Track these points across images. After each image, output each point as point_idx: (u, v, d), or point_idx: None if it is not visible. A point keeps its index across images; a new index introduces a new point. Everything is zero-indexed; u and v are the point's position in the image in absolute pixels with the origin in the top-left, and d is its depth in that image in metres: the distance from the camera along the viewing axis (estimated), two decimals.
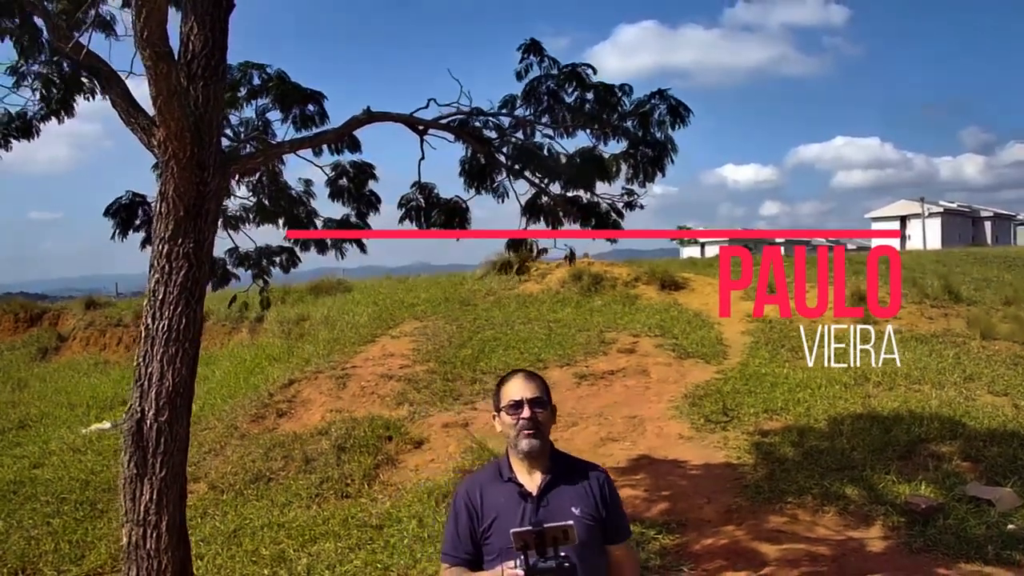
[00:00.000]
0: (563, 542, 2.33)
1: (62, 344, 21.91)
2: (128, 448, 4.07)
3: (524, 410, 2.65)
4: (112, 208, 5.24)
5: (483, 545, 2.65)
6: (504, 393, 2.72)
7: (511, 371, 2.86)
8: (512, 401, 2.67)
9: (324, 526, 7.56)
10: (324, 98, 5.53)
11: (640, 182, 5.27)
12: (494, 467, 2.78)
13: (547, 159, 5.26)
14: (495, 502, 2.66)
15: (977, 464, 7.61)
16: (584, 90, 5.09)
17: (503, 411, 2.70)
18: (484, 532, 2.65)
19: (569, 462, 2.79)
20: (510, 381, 2.75)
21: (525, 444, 2.65)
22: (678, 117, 5.05)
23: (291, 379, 11.90)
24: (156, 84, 3.64)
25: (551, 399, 2.74)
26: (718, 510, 7.15)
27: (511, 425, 2.67)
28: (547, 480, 2.67)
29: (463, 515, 2.68)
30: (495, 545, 2.61)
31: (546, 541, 2.33)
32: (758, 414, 9.47)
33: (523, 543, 2.32)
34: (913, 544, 6.19)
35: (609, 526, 2.71)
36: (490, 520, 2.64)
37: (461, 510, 2.70)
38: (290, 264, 6.31)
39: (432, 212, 5.68)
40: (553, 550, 2.33)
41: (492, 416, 2.82)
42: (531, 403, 2.66)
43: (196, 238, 4.08)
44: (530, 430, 2.64)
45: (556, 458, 2.74)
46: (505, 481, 2.69)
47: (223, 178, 4.15)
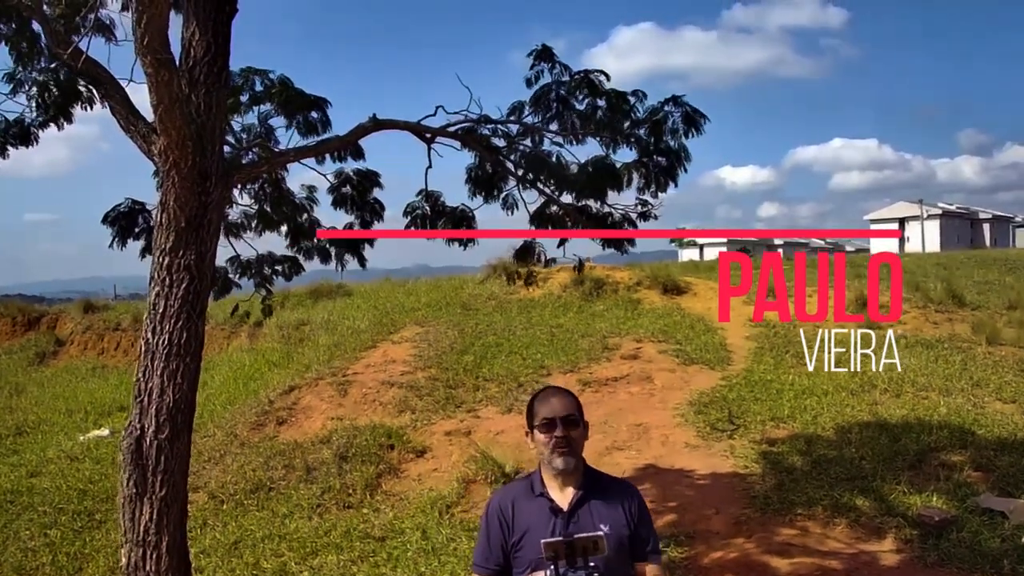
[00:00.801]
0: (593, 553, 2.36)
1: (60, 348, 21.80)
2: (127, 466, 3.95)
3: (558, 428, 2.68)
4: (111, 216, 5.13)
5: (513, 558, 2.69)
6: (537, 411, 2.74)
7: (543, 388, 2.91)
8: (545, 419, 2.69)
9: (326, 538, 7.45)
10: (328, 104, 5.43)
11: (652, 192, 5.17)
12: (527, 482, 2.81)
13: (558, 168, 5.15)
14: (526, 516, 2.70)
15: (988, 474, 7.49)
16: (596, 97, 4.97)
17: (536, 429, 2.73)
18: (515, 545, 2.69)
19: (601, 479, 2.81)
20: (543, 399, 2.78)
21: (560, 462, 2.68)
22: (693, 125, 4.93)
23: (291, 386, 11.78)
24: (157, 91, 3.53)
25: (583, 416, 2.76)
26: (727, 522, 7.03)
27: (544, 443, 2.70)
28: (578, 496, 2.70)
29: (495, 527, 2.72)
30: (525, 558, 2.64)
31: (576, 551, 2.35)
32: (764, 422, 9.34)
33: (553, 553, 2.35)
34: (927, 558, 6.07)
35: (638, 544, 2.72)
36: (521, 533, 2.68)
37: (493, 522, 2.73)
38: (293, 272, 6.19)
39: (438, 221, 5.57)
40: (583, 560, 2.36)
41: (525, 433, 2.83)
42: (564, 421, 2.68)
43: (198, 250, 3.96)
44: (564, 448, 2.68)
45: (588, 475, 2.77)
46: (537, 496, 2.72)
47: (225, 188, 4.04)
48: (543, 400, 2.76)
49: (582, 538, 2.37)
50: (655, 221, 5.63)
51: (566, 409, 2.70)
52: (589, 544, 2.35)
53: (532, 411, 2.76)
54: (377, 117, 4.73)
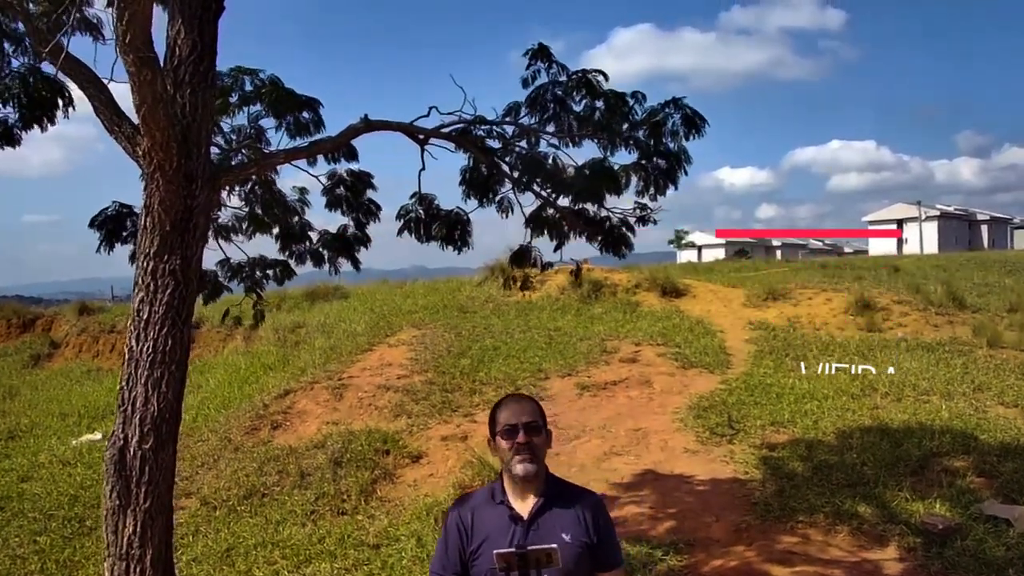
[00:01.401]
0: (546, 565, 2.35)
1: (55, 351, 21.65)
2: (110, 478, 3.83)
3: (519, 435, 2.65)
4: (98, 220, 5.01)
5: (471, 566, 2.66)
6: (499, 418, 2.72)
7: (506, 396, 2.92)
8: (507, 426, 2.67)
9: (320, 545, 7.32)
10: (320, 105, 5.30)
11: (651, 195, 5.05)
12: (488, 489, 2.78)
13: (555, 170, 5.03)
14: (485, 524, 2.67)
15: (992, 480, 7.39)
16: (594, 98, 4.86)
17: (498, 436, 2.70)
18: (472, 553, 2.65)
19: (563, 487, 2.78)
20: (504, 406, 2.76)
21: (520, 469, 2.65)
22: (693, 127, 4.82)
23: (286, 389, 11.66)
24: (140, 91, 3.41)
25: (546, 423, 2.75)
26: (727, 529, 6.92)
27: (506, 450, 2.67)
28: (539, 504, 2.67)
29: (454, 534, 2.70)
30: (482, 567, 2.61)
31: (529, 563, 2.35)
32: (765, 426, 9.24)
33: (505, 564, 2.34)
34: (931, 567, 5.96)
35: (600, 553, 2.69)
36: (479, 542, 2.64)
37: (452, 530, 2.71)
38: (284, 276, 6.06)
39: (432, 225, 5.45)
40: (536, 572, 2.35)
41: (487, 441, 2.81)
42: (526, 428, 2.66)
43: (183, 254, 3.84)
44: (525, 455, 2.65)
45: (550, 482, 2.74)
46: (497, 504, 2.70)
47: (212, 191, 3.92)
48: (505, 407, 2.74)
49: (535, 550, 2.35)
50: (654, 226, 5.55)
51: (528, 415, 2.68)
52: (543, 556, 2.33)
53: (494, 418, 2.73)
54: (369, 118, 4.62)
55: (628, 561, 6.38)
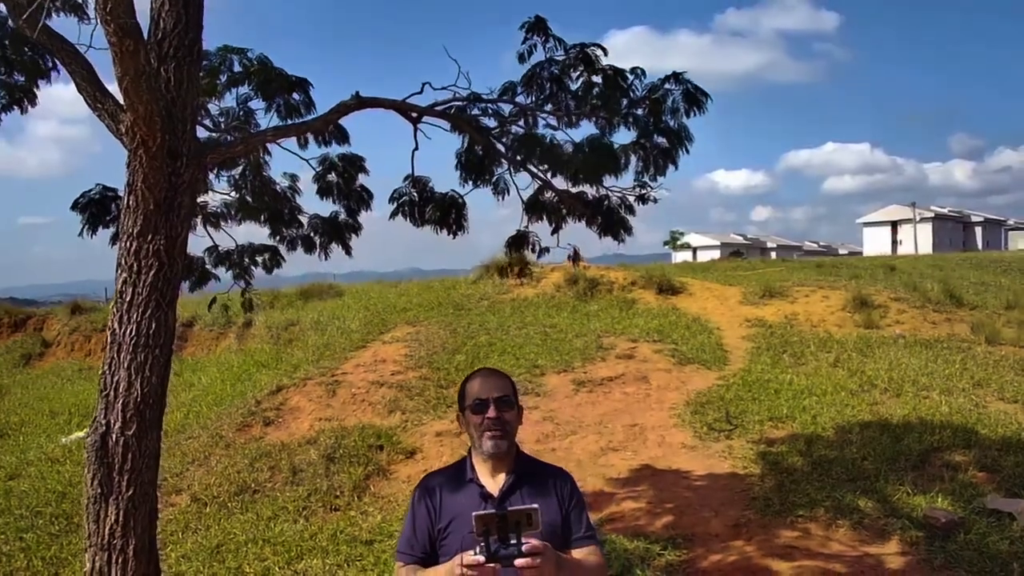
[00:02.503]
0: (527, 527, 2.19)
1: (46, 350, 21.47)
2: (92, 465, 3.70)
3: (490, 410, 2.54)
4: (80, 203, 4.87)
5: (439, 545, 2.54)
6: (469, 391, 2.61)
7: (476, 369, 2.79)
8: (477, 400, 2.56)
9: (312, 541, 7.19)
10: (310, 86, 5.18)
11: (651, 175, 4.93)
12: (456, 467, 2.68)
13: (552, 147, 4.89)
14: (454, 502, 2.56)
15: (994, 475, 7.29)
16: (593, 73, 4.73)
17: (468, 410, 2.58)
18: (441, 531, 2.54)
19: (533, 464, 2.69)
20: (475, 379, 2.65)
21: (491, 446, 2.54)
22: (694, 103, 4.69)
23: (279, 386, 11.52)
24: (122, 63, 3.28)
25: (518, 398, 2.65)
26: (726, 524, 6.81)
27: (476, 425, 2.56)
28: (510, 482, 2.57)
29: (421, 513, 2.58)
30: (452, 547, 2.46)
31: (508, 526, 2.19)
32: (763, 422, 9.14)
33: (484, 527, 2.18)
34: (934, 561, 5.85)
35: (570, 530, 2.59)
36: (448, 520, 2.54)
37: (420, 508, 2.59)
38: (274, 264, 5.92)
39: (427, 208, 5.32)
40: (516, 536, 2.19)
41: (456, 417, 2.70)
42: (497, 403, 2.55)
43: (168, 234, 3.71)
44: (496, 431, 2.54)
45: (521, 460, 2.64)
46: (467, 482, 2.59)
47: (198, 169, 3.79)
48: (475, 380, 2.63)
49: (516, 511, 2.20)
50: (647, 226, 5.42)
51: (499, 390, 2.57)
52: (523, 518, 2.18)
53: (464, 392, 2.62)
54: (360, 95, 4.49)
55: (626, 556, 6.27)
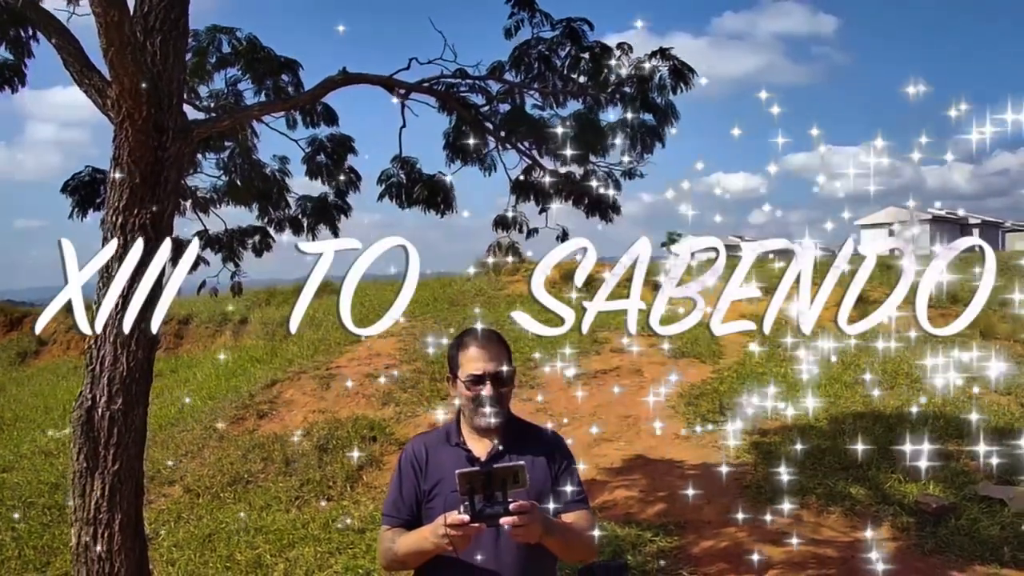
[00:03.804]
0: (512, 486, 2.12)
1: (42, 348, 21.43)
2: (77, 439, 3.70)
3: (486, 387, 2.43)
4: (70, 185, 4.86)
5: (425, 508, 2.46)
6: (462, 360, 2.47)
7: (467, 331, 2.56)
8: (472, 376, 2.44)
9: (303, 530, 7.19)
10: (300, 67, 5.18)
11: (638, 153, 4.92)
12: (444, 431, 2.58)
13: (538, 123, 4.89)
14: (441, 465, 2.47)
15: (986, 464, 7.30)
16: (580, 50, 4.72)
17: (460, 382, 2.47)
18: (427, 494, 2.47)
19: (522, 427, 2.59)
20: (469, 346, 2.48)
21: (483, 422, 2.45)
22: (681, 79, 4.70)
23: (273, 380, 11.50)
24: (107, 34, 3.28)
25: (512, 364, 2.51)
26: (718, 511, 6.81)
27: (469, 398, 2.45)
28: (497, 447, 2.48)
29: (408, 474, 2.50)
30: (437, 508, 2.38)
31: (494, 484, 2.12)
32: (756, 413, 9.14)
33: (469, 486, 2.11)
34: (925, 545, 5.88)
35: (560, 495, 2.49)
36: (434, 482, 2.46)
37: (407, 469, 2.51)
38: (263, 247, 5.91)
39: (414, 188, 5.31)
40: (502, 494, 2.12)
41: (446, 377, 2.56)
42: (493, 379, 2.43)
43: (153, 209, 3.71)
44: (493, 407, 2.43)
45: (511, 426, 2.53)
46: (453, 446, 2.50)
47: (184, 143, 3.78)
48: (470, 349, 2.48)
49: (501, 468, 2.14)
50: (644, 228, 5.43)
51: (496, 362, 2.44)
52: (509, 476, 2.11)
53: (456, 358, 2.49)
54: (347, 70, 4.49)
55: (618, 543, 6.27)
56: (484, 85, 5.03)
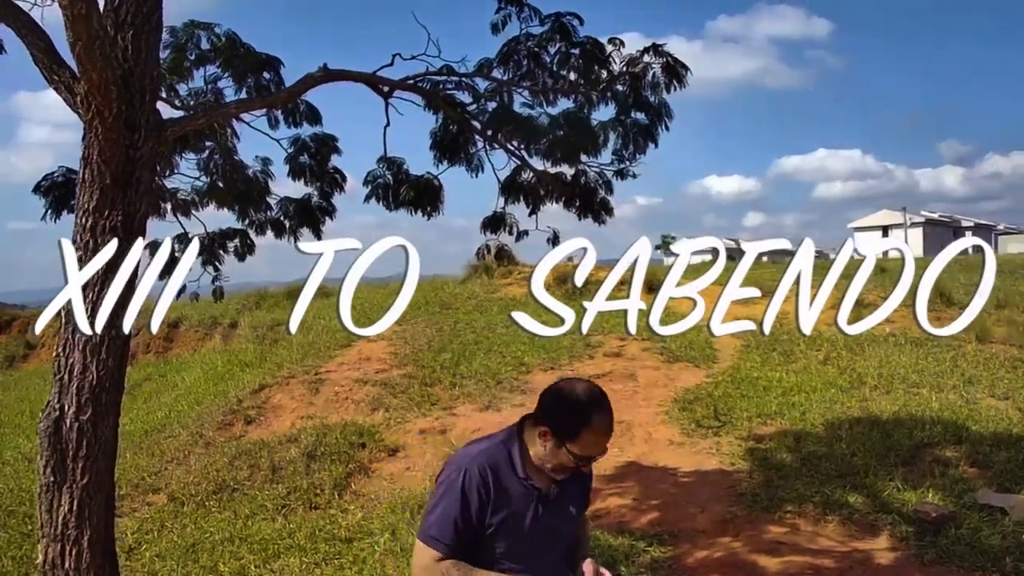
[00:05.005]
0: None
1: (30, 352, 21.27)
2: (44, 451, 3.54)
3: (587, 467, 2.53)
4: (43, 186, 4.70)
5: (485, 535, 2.38)
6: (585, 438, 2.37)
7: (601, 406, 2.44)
8: (585, 457, 2.42)
9: (289, 539, 7.01)
10: (281, 64, 5.02)
11: (630, 154, 4.77)
12: (505, 452, 2.46)
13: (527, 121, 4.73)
14: (508, 497, 2.40)
15: (985, 470, 7.17)
16: (570, 46, 4.57)
17: (568, 447, 2.37)
18: (490, 524, 2.37)
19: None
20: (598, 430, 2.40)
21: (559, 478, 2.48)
22: (675, 76, 4.55)
23: (262, 384, 11.33)
24: (74, 28, 3.13)
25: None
26: (712, 520, 6.67)
27: (562, 463, 2.41)
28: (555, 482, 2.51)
29: (473, 501, 2.35)
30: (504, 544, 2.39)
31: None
32: (751, 418, 9.01)
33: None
34: (924, 556, 5.73)
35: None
36: (502, 515, 2.38)
37: (472, 495, 2.35)
38: (245, 250, 5.75)
39: (401, 189, 5.15)
40: None
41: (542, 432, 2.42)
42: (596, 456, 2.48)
43: (125, 210, 3.55)
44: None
45: None
46: (520, 477, 2.44)
47: (158, 142, 3.63)
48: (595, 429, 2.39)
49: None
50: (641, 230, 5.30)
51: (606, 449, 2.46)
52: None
53: (576, 429, 2.37)
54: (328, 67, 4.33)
55: (610, 553, 6.12)
56: (471, 83, 4.88)
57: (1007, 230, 70.88)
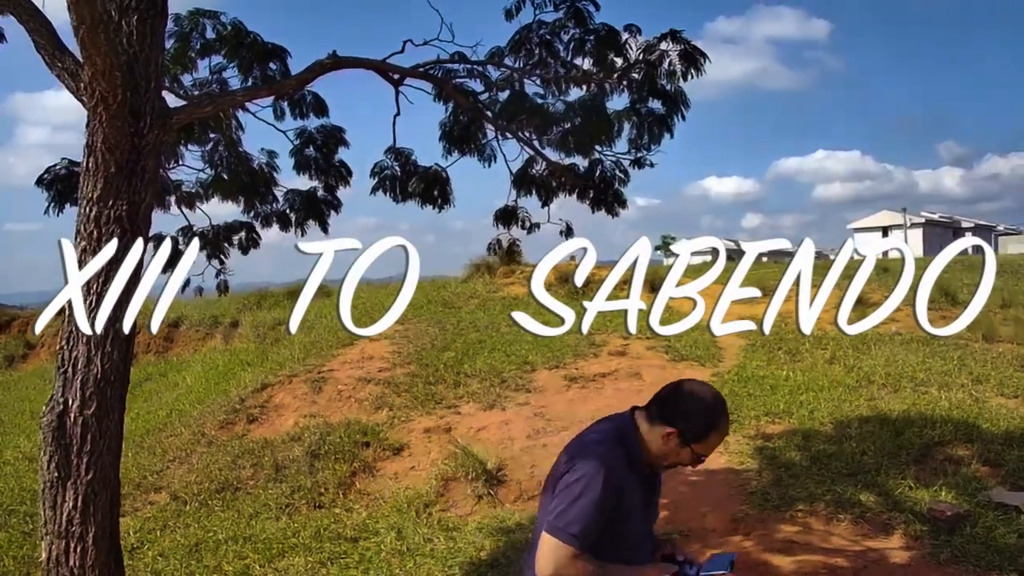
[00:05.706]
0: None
1: (30, 352, 21.15)
2: (48, 447, 3.45)
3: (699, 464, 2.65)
4: (46, 179, 4.61)
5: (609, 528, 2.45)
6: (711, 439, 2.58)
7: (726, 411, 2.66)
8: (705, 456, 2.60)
9: (294, 539, 6.94)
10: (287, 55, 4.93)
11: (645, 144, 4.68)
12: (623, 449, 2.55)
13: (541, 109, 4.64)
14: (633, 486, 2.54)
15: (997, 469, 7.09)
16: (585, 32, 4.48)
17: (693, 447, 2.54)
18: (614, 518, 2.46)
19: None
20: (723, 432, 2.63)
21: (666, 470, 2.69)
22: (692, 64, 4.45)
23: (264, 383, 11.23)
24: (77, 10, 3.04)
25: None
26: (723, 519, 6.59)
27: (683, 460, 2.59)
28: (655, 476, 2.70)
29: (611, 497, 2.44)
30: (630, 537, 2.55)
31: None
32: (759, 417, 8.91)
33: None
34: (940, 555, 5.65)
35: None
36: (628, 510, 2.51)
37: (611, 488, 2.44)
38: (250, 243, 5.66)
39: (410, 181, 5.06)
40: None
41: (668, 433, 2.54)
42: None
43: (130, 199, 3.46)
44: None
45: None
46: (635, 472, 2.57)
47: (163, 130, 3.54)
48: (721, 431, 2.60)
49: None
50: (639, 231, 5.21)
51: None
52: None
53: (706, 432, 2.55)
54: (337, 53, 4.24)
55: None
56: (483, 71, 4.78)
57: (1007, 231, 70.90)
